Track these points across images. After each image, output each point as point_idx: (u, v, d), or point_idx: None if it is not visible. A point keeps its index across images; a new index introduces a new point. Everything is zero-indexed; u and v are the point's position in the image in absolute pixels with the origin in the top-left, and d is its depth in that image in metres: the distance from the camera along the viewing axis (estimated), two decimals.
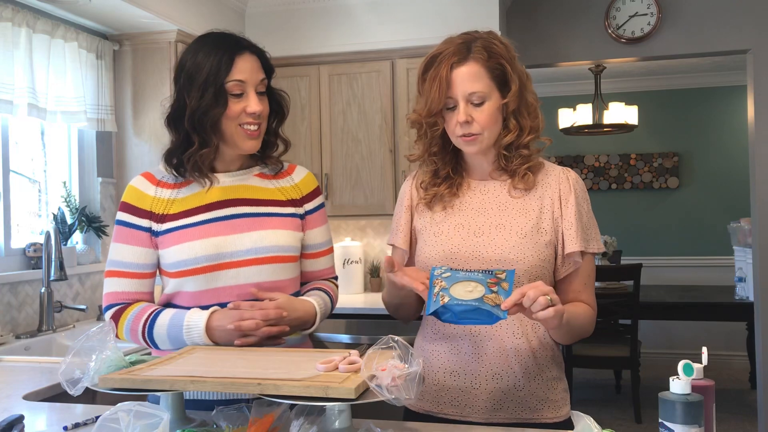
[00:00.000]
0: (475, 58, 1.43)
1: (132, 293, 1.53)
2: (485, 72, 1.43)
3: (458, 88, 1.42)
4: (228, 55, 1.47)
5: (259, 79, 1.51)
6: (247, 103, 1.48)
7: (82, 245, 3.06)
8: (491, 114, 1.44)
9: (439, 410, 1.49)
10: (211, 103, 1.46)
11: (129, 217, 1.53)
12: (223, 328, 1.41)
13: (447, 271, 1.30)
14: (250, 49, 1.52)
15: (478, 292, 1.26)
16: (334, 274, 1.74)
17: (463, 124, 1.43)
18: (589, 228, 1.50)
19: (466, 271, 1.30)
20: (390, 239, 1.63)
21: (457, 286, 1.27)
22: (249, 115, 1.49)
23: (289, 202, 1.60)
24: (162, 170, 1.57)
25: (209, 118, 1.47)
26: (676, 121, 6.43)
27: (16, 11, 2.60)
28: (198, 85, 1.46)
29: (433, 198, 1.54)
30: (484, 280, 1.27)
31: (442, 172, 1.54)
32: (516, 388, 1.45)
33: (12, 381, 1.93)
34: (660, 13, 3.90)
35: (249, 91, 1.49)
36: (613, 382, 5.33)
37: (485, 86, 1.43)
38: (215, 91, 1.46)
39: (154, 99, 3.15)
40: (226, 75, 1.46)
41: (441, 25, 3.43)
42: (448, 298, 1.26)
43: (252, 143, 1.52)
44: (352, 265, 3.75)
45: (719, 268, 6.09)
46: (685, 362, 1.13)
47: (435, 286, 1.29)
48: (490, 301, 1.25)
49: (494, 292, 1.25)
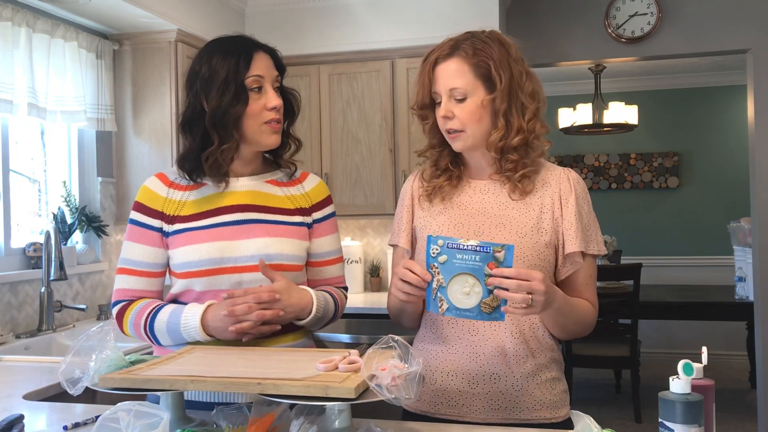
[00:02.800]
0: (459, 55, 1.45)
1: (140, 291, 1.54)
2: (469, 68, 1.44)
3: (440, 84, 1.46)
4: (246, 53, 1.51)
5: (274, 76, 1.55)
6: (267, 99, 1.52)
7: (82, 245, 3.06)
8: (472, 110, 1.44)
9: (436, 411, 1.49)
10: (232, 100, 1.48)
11: (141, 216, 1.55)
12: (218, 317, 1.41)
13: (444, 251, 1.28)
14: (264, 48, 1.56)
15: (475, 294, 1.26)
16: (344, 284, 1.72)
17: (443, 119, 1.46)
18: (590, 229, 1.49)
19: (462, 249, 1.27)
20: (392, 239, 1.63)
21: (454, 283, 1.28)
22: (270, 110, 1.51)
23: (297, 210, 1.60)
24: (175, 171, 1.59)
25: (231, 116, 1.49)
26: (676, 121, 6.43)
27: (16, 11, 2.60)
28: (218, 86, 1.48)
29: (434, 190, 1.55)
30: (482, 268, 1.26)
31: (441, 163, 1.56)
32: (514, 389, 1.45)
33: (12, 381, 1.93)
34: (660, 13, 3.90)
35: (267, 87, 1.52)
36: (613, 381, 5.33)
37: (467, 83, 1.43)
38: (236, 89, 1.49)
39: (154, 99, 3.15)
40: (246, 72, 1.50)
41: (441, 25, 3.43)
42: (447, 305, 1.28)
43: (275, 137, 1.55)
44: (352, 265, 3.76)
45: (719, 268, 6.09)
46: (685, 362, 1.13)
47: (433, 275, 1.29)
48: (487, 307, 1.26)
49: (491, 292, 1.26)
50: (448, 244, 1.28)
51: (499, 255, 1.26)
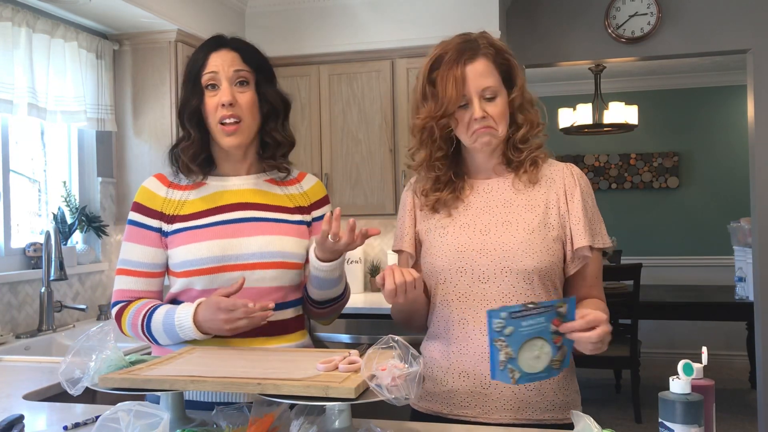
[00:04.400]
0: (484, 54, 1.45)
1: (139, 291, 1.54)
2: (494, 68, 1.45)
3: (472, 85, 1.43)
4: (205, 52, 1.55)
5: (232, 71, 1.53)
6: (220, 95, 1.51)
7: (82, 245, 3.06)
8: (503, 109, 1.46)
9: (449, 412, 1.48)
10: (190, 96, 1.54)
11: (140, 217, 1.56)
12: (209, 314, 1.40)
13: (509, 323, 1.20)
14: (230, 45, 1.56)
15: (545, 355, 1.23)
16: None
17: (479, 119, 1.43)
18: (595, 223, 1.50)
19: (526, 317, 1.21)
20: (395, 245, 1.62)
21: (524, 351, 1.22)
22: (222, 107, 1.51)
23: (297, 209, 1.61)
24: (173, 172, 1.61)
25: (188, 110, 1.54)
26: (676, 121, 6.43)
27: (16, 11, 2.60)
28: (183, 83, 1.56)
29: (436, 203, 1.53)
30: (548, 327, 1.23)
31: (443, 177, 1.53)
32: (527, 389, 1.44)
33: (12, 381, 1.93)
34: (660, 13, 3.90)
35: (222, 83, 1.52)
36: (613, 381, 5.33)
37: (495, 81, 1.45)
38: (193, 85, 1.54)
39: (154, 99, 3.15)
40: (201, 69, 1.53)
41: (441, 25, 3.43)
42: (519, 373, 1.22)
43: (229, 140, 1.53)
44: (352, 265, 3.75)
45: (719, 268, 6.09)
46: (685, 362, 1.12)
47: (499, 349, 1.21)
48: (557, 363, 1.25)
49: (559, 348, 1.24)
50: (512, 314, 1.21)
51: (561, 310, 1.24)
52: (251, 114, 1.54)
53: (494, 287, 1.44)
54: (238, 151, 1.57)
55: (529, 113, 1.50)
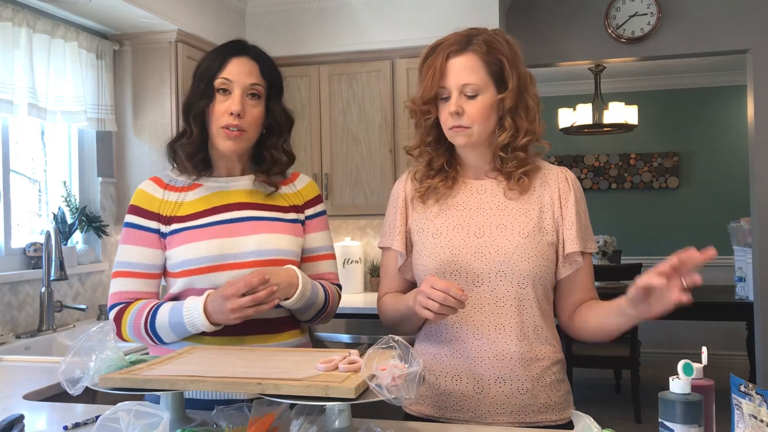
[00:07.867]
0: (473, 50, 1.42)
1: (137, 293, 1.54)
2: (482, 65, 1.42)
3: (452, 79, 1.42)
4: (223, 55, 1.56)
5: (248, 83, 1.54)
6: (230, 103, 1.52)
7: (82, 245, 3.06)
8: (483, 108, 1.42)
9: (441, 415, 1.47)
10: (199, 95, 1.54)
11: (137, 219, 1.56)
12: (217, 303, 1.40)
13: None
14: (250, 54, 1.57)
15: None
16: (337, 281, 1.73)
17: (453, 114, 1.42)
18: (587, 228, 1.51)
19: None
20: (383, 242, 1.59)
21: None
22: (230, 115, 1.51)
23: (291, 207, 1.63)
24: (170, 174, 1.62)
25: (194, 109, 1.55)
26: (676, 121, 6.43)
27: (16, 11, 2.60)
28: (195, 80, 1.56)
29: (427, 190, 1.52)
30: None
31: (435, 164, 1.53)
32: (519, 392, 1.43)
33: (12, 381, 1.93)
34: (660, 13, 3.90)
35: (235, 92, 1.53)
36: (613, 381, 5.34)
37: (480, 79, 1.42)
38: (204, 85, 1.54)
39: (154, 99, 3.15)
40: (217, 72, 1.54)
41: (441, 25, 3.39)
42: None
43: (228, 144, 1.54)
44: (352, 264, 3.75)
45: (719, 268, 6.08)
46: (684, 362, 1.12)
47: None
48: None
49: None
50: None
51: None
52: (256, 127, 1.57)
53: (488, 290, 1.43)
54: (233, 154, 1.59)
55: (520, 119, 1.44)
